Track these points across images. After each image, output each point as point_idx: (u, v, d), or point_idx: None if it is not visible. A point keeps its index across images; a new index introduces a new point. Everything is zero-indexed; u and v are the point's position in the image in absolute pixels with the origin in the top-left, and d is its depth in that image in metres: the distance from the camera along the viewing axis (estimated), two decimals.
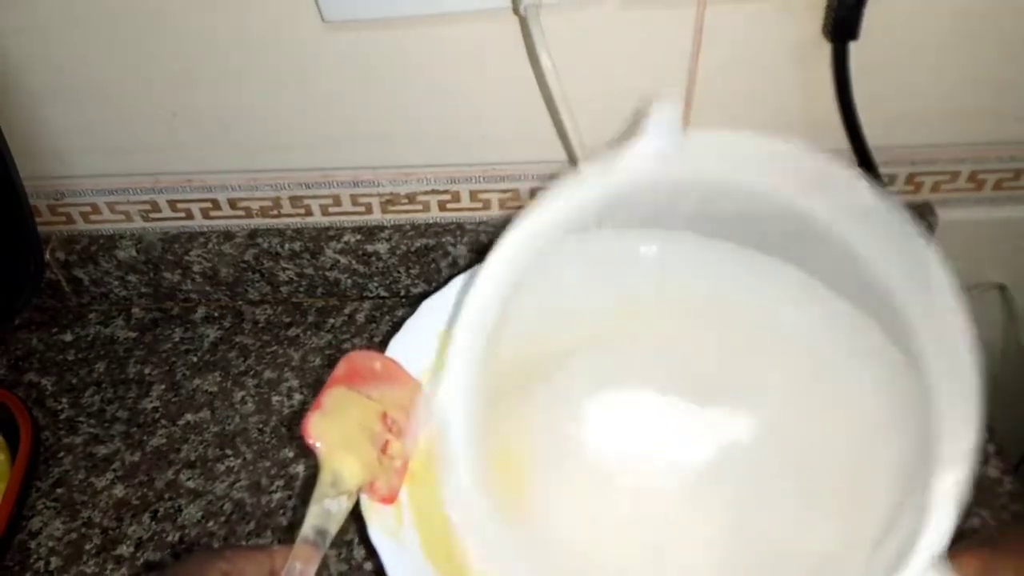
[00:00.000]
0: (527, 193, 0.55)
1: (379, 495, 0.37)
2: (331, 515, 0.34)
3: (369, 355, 0.40)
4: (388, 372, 0.40)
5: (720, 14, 0.46)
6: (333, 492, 0.34)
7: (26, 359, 0.59)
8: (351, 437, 0.36)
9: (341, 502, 0.34)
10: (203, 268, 0.59)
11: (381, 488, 0.37)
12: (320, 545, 0.33)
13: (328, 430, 0.35)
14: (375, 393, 0.38)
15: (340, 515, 0.34)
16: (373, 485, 0.36)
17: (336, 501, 0.34)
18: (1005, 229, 0.56)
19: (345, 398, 0.37)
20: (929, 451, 0.30)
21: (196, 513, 0.49)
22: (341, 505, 0.34)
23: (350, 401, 0.37)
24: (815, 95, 0.49)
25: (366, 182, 0.55)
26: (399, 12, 0.45)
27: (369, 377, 0.39)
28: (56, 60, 0.49)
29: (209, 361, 0.57)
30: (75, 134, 0.53)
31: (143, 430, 0.53)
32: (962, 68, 0.48)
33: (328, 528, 0.34)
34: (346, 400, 0.37)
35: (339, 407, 0.36)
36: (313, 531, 0.33)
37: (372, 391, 0.38)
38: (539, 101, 0.50)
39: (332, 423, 0.35)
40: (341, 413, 0.36)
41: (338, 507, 0.34)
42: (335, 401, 0.36)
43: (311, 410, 0.35)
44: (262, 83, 0.50)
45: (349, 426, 0.36)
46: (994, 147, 0.52)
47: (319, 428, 0.35)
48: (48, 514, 0.49)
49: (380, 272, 0.59)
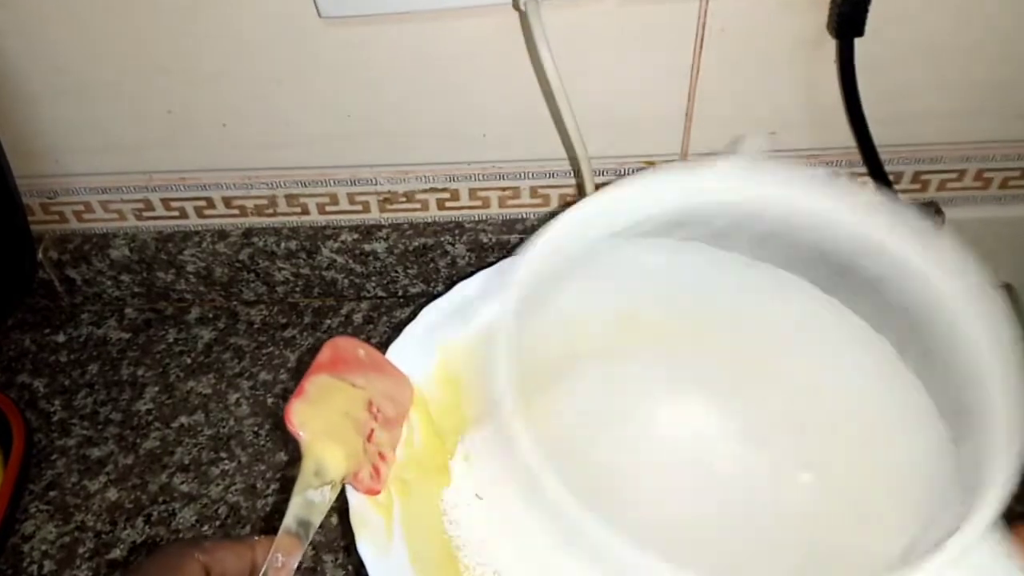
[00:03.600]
0: (527, 191, 0.55)
1: (364, 485, 0.35)
2: (314, 506, 0.33)
3: (353, 342, 0.38)
4: (373, 360, 0.39)
5: (723, 9, 0.45)
6: (316, 482, 0.33)
7: (18, 360, 0.58)
8: (335, 425, 0.34)
9: (324, 492, 0.33)
10: (197, 268, 0.58)
11: (365, 478, 0.35)
12: (303, 536, 0.32)
13: (312, 418, 0.34)
14: (360, 380, 0.37)
15: (323, 506, 0.33)
16: (357, 475, 0.35)
17: (319, 491, 0.33)
18: (1012, 228, 0.55)
19: (329, 385, 0.35)
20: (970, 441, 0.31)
21: (190, 517, 0.48)
22: (324, 496, 0.33)
23: (334, 388, 0.36)
24: (820, 92, 0.48)
25: (363, 180, 0.55)
26: (397, 8, 0.45)
27: (354, 364, 0.37)
28: (49, 58, 0.49)
29: (203, 363, 0.57)
30: (68, 132, 0.53)
31: (137, 432, 0.53)
32: (968, 65, 0.48)
33: (311, 519, 0.33)
34: (330, 387, 0.35)
35: (323, 394, 0.35)
36: (296, 522, 0.32)
37: (357, 378, 0.37)
38: (539, 97, 0.49)
39: (316, 411, 0.34)
40: (325, 400, 0.35)
41: (321, 497, 0.33)
42: (319, 388, 0.35)
43: (293, 397, 0.34)
44: (258, 80, 0.49)
45: (333, 414, 0.35)
46: (1001, 145, 0.52)
47: (302, 415, 0.33)
48: (41, 517, 0.49)
49: (378, 272, 0.58)
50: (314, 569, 0.46)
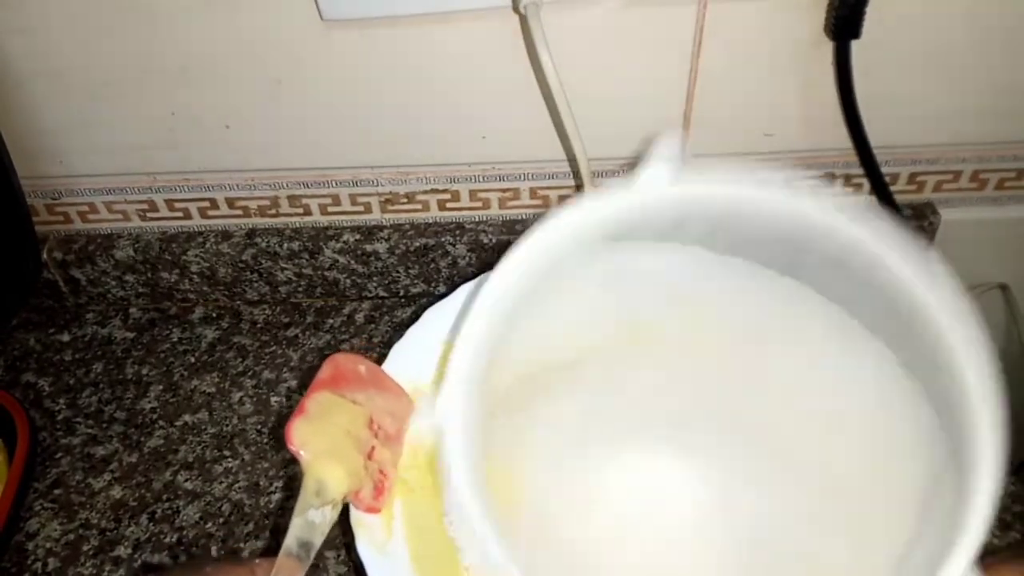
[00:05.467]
0: (527, 192, 0.55)
1: (364, 504, 0.35)
2: (315, 526, 0.32)
3: (354, 358, 0.38)
4: (374, 376, 0.38)
5: (721, 12, 0.45)
6: (317, 502, 0.33)
7: (23, 359, 0.58)
8: (336, 443, 0.34)
9: (326, 512, 0.33)
10: (201, 268, 0.58)
11: (367, 497, 0.35)
12: (304, 558, 0.32)
13: (313, 436, 0.33)
14: (360, 397, 0.36)
15: (325, 526, 0.33)
16: (358, 494, 0.34)
17: (320, 511, 0.32)
18: (1007, 229, 0.56)
19: (330, 402, 0.35)
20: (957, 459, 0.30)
21: (194, 514, 0.48)
22: (326, 515, 0.33)
23: (335, 406, 0.35)
24: (817, 94, 0.49)
25: (365, 181, 0.55)
26: (398, 11, 0.45)
27: (354, 381, 0.37)
28: (53, 59, 0.49)
29: (207, 362, 0.57)
30: (73, 133, 0.53)
31: (141, 431, 0.53)
32: (964, 67, 0.48)
33: (312, 540, 0.32)
34: (331, 404, 0.35)
35: (324, 412, 0.34)
36: (296, 543, 0.32)
37: (358, 395, 0.36)
38: (539, 99, 0.49)
39: (317, 429, 0.33)
40: (326, 418, 0.34)
41: (322, 517, 0.33)
42: (320, 406, 0.34)
43: (294, 415, 0.33)
44: (261, 82, 0.50)
45: (334, 432, 0.34)
46: (996, 147, 0.52)
47: (303, 434, 0.33)
48: (46, 515, 0.49)
49: (379, 272, 0.58)
50: (316, 566, 0.46)
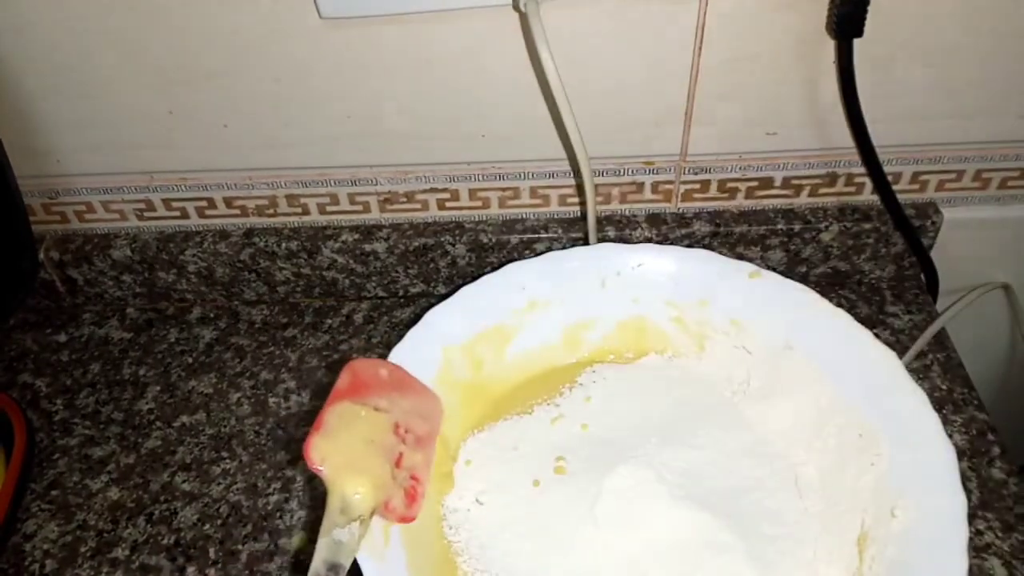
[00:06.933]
0: (527, 191, 0.55)
1: (397, 514, 0.33)
2: (342, 546, 0.31)
3: (373, 362, 0.37)
4: (397, 379, 0.37)
5: (722, 10, 0.45)
6: (343, 520, 0.31)
7: (20, 360, 0.58)
8: (359, 455, 0.33)
9: (353, 530, 0.31)
10: (198, 268, 0.58)
11: (398, 506, 0.33)
12: None
13: (333, 451, 0.32)
14: (383, 403, 0.35)
15: (353, 544, 0.31)
16: (388, 504, 0.33)
17: (347, 530, 0.31)
18: (1010, 228, 0.55)
19: (349, 413, 0.34)
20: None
21: (192, 516, 0.48)
22: (353, 533, 0.31)
23: (355, 415, 0.34)
24: (819, 93, 0.49)
25: (364, 180, 0.55)
26: (397, 8, 0.45)
27: (375, 386, 0.35)
28: (51, 58, 0.49)
29: (205, 362, 0.57)
30: (70, 132, 0.53)
31: (138, 432, 0.53)
32: (967, 66, 0.48)
33: (340, 561, 0.30)
34: (351, 415, 0.34)
35: (343, 423, 0.33)
36: (324, 566, 0.30)
37: (380, 401, 0.35)
38: (539, 98, 0.49)
39: (336, 443, 0.32)
40: (346, 430, 0.33)
41: (350, 536, 0.31)
42: (338, 418, 0.33)
43: (312, 431, 0.32)
44: (258, 80, 0.49)
45: (356, 443, 0.33)
46: (999, 146, 0.52)
47: (322, 450, 0.32)
48: (43, 516, 0.49)
49: (378, 272, 0.58)
50: None
